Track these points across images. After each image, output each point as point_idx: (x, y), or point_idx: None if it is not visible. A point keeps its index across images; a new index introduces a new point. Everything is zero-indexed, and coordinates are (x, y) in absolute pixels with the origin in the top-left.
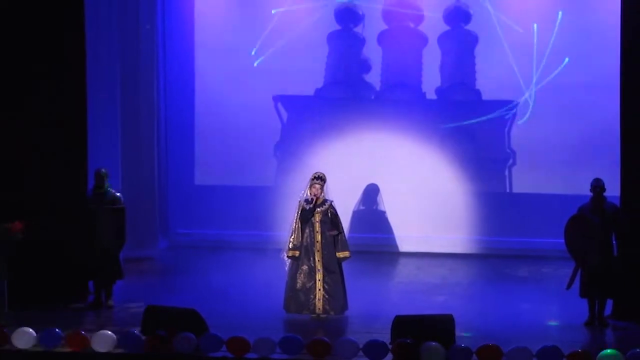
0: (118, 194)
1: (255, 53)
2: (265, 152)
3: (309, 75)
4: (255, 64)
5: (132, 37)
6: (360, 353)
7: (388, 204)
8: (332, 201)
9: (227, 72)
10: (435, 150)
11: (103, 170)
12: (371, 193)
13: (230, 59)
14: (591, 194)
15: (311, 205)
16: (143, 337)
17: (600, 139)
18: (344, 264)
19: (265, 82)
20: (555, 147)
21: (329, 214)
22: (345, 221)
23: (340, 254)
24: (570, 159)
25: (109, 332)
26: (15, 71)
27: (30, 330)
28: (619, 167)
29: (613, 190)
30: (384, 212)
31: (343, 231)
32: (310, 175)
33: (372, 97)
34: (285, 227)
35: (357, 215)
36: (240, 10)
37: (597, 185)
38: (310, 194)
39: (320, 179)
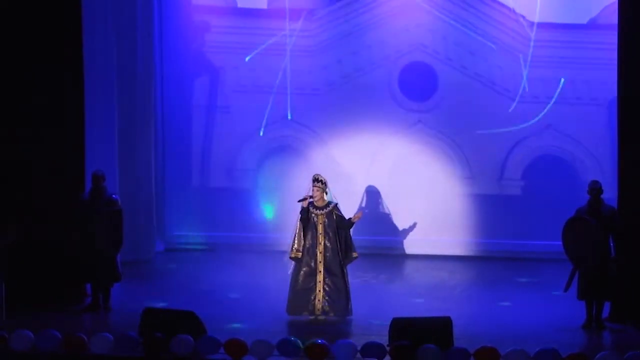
0: (115, 197)
1: (249, 59)
2: (264, 153)
3: (309, 75)
4: (246, 59)
5: (128, 39)
6: (358, 355)
7: (387, 206)
8: (336, 203)
9: (226, 73)
10: (434, 153)
11: (100, 172)
12: (369, 195)
13: (228, 59)
14: (589, 196)
15: (305, 204)
16: (140, 340)
17: (598, 140)
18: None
19: (265, 83)
20: (554, 149)
21: (334, 216)
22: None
23: (353, 254)
24: (568, 161)
25: (107, 335)
26: (12, 73)
27: (28, 332)
28: (616, 169)
29: (610, 192)
30: (382, 214)
31: (350, 233)
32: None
33: (374, 99)
34: (283, 229)
35: (361, 218)
36: (238, 10)
37: (595, 188)
38: (312, 195)
39: (317, 181)
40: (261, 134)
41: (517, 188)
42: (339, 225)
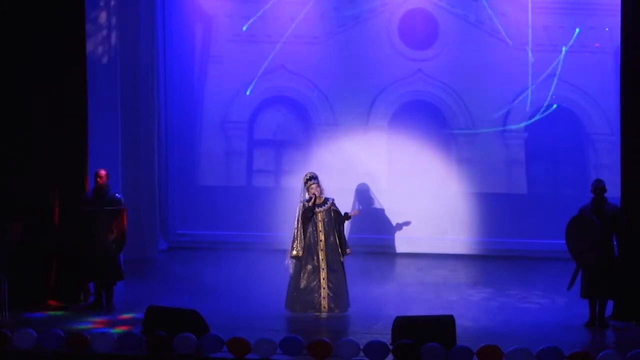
0: (118, 195)
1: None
2: (265, 152)
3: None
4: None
5: (132, 37)
6: (361, 354)
7: (389, 204)
8: (333, 199)
9: (228, 72)
10: (436, 151)
11: (103, 171)
12: (363, 192)
13: (231, 59)
14: (592, 195)
15: (310, 203)
16: (144, 338)
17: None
18: (345, 263)
19: (267, 82)
20: (557, 149)
21: (332, 213)
22: (346, 221)
23: (347, 251)
24: (571, 160)
25: (110, 333)
26: (13, 71)
27: (31, 330)
28: (619, 168)
29: (614, 191)
30: (384, 213)
31: (343, 229)
32: (303, 178)
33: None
34: (285, 228)
35: (358, 216)
36: (241, 10)
37: (598, 187)
38: (310, 194)
39: (313, 178)
40: (248, 93)
41: (520, 140)
42: (336, 220)
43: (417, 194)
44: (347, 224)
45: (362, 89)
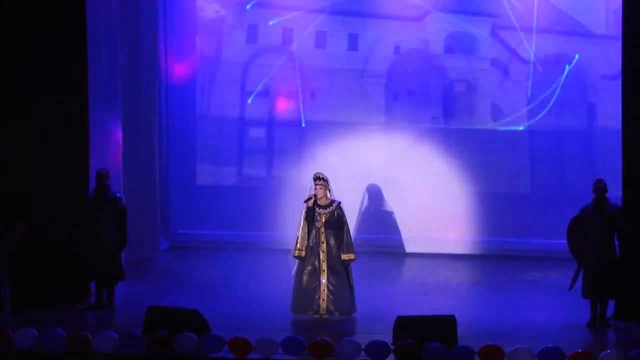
0: (119, 195)
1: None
2: (266, 152)
3: (311, 74)
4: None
5: (133, 37)
6: (363, 354)
7: (392, 204)
8: (339, 202)
9: (229, 73)
10: (439, 151)
11: (104, 171)
12: (373, 193)
13: (232, 59)
14: (593, 194)
15: (310, 203)
16: (145, 338)
17: (603, 139)
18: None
19: (268, 82)
20: (558, 148)
21: (335, 215)
22: (350, 221)
23: (344, 256)
24: (572, 159)
25: (111, 333)
26: (16, 71)
27: (33, 330)
28: (620, 168)
29: (615, 191)
30: (387, 213)
31: (349, 233)
32: (312, 176)
33: (378, 96)
34: (286, 227)
35: (360, 216)
36: (243, 10)
37: (599, 186)
38: (315, 194)
39: (320, 179)
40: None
41: (524, 91)
42: (336, 223)
43: (418, 194)
44: (350, 224)
45: (359, 35)
